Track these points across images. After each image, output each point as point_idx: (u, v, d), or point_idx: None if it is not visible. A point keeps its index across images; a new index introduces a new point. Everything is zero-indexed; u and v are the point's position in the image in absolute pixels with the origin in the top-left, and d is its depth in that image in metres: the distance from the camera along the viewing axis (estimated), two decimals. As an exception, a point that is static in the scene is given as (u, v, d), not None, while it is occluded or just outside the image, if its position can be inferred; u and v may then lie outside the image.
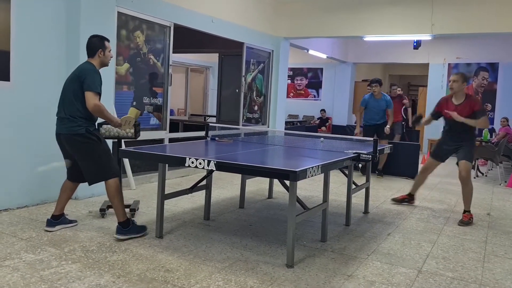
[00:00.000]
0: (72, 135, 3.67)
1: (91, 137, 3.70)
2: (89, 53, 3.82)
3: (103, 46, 3.81)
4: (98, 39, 3.83)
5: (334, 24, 8.83)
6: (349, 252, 3.75)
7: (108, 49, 3.86)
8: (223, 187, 6.16)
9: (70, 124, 3.67)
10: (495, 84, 11.75)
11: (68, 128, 3.67)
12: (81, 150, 3.71)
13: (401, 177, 7.74)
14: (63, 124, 3.71)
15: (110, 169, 3.77)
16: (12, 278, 2.89)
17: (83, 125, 3.66)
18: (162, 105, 6.47)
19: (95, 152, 3.70)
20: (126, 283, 2.91)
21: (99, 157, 3.72)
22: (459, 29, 7.88)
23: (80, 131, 3.65)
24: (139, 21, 5.92)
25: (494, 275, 3.39)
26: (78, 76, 3.67)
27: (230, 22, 7.66)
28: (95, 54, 3.80)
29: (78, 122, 3.66)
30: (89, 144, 3.69)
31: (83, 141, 3.67)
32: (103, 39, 3.85)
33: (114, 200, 3.76)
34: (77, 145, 3.69)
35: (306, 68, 14.07)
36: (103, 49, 3.81)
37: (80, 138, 3.66)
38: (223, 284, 2.96)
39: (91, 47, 3.81)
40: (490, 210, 5.59)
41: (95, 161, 3.73)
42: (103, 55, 3.82)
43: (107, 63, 3.92)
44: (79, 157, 3.76)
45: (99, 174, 3.78)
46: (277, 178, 4.23)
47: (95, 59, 3.80)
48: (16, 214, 4.35)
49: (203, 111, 13.78)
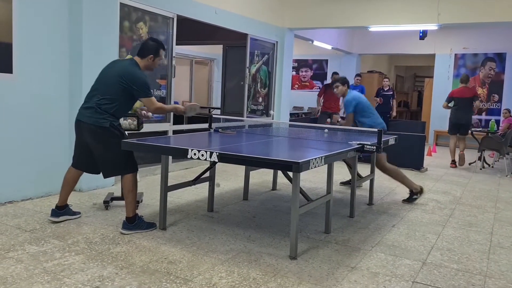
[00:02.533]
0: (96, 126, 3.65)
1: (115, 132, 3.69)
2: (140, 53, 3.80)
3: (157, 53, 3.80)
4: (156, 44, 3.82)
5: (339, 15, 8.75)
6: (353, 243, 3.73)
7: (160, 57, 3.84)
8: (227, 179, 6.15)
9: (96, 116, 3.65)
10: (502, 75, 11.62)
11: (93, 119, 3.65)
12: (103, 143, 3.69)
13: (406, 168, 7.69)
14: (88, 113, 3.68)
15: (129, 164, 3.76)
16: (16, 270, 2.90)
17: (108, 119, 3.66)
18: (165, 97, 6.45)
19: (118, 146, 3.67)
20: (129, 274, 2.91)
21: (120, 152, 3.69)
22: (465, 19, 7.78)
23: (104, 124, 3.64)
24: (142, 12, 5.88)
25: (499, 267, 3.36)
26: (124, 78, 3.63)
27: (234, 13, 7.60)
28: (145, 57, 3.78)
29: (105, 115, 3.65)
30: (112, 138, 3.67)
31: (107, 135, 3.66)
32: (160, 46, 3.83)
33: (128, 195, 3.75)
34: (100, 137, 3.68)
35: (311, 60, 13.98)
36: (155, 56, 3.79)
37: (104, 131, 3.65)
38: (226, 275, 2.96)
39: (145, 49, 3.80)
40: (496, 202, 5.54)
41: (116, 155, 3.70)
42: (152, 61, 3.81)
43: (151, 69, 3.94)
44: (99, 149, 3.73)
45: (118, 168, 3.78)
46: (280, 170, 4.21)
47: (143, 61, 3.79)
48: (20, 206, 4.37)
49: (207, 103, 13.76)
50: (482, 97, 11.79)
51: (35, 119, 4.67)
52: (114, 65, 3.82)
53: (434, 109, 12.25)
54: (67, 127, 4.87)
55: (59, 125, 4.89)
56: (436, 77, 12.42)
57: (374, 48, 13.17)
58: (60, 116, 4.90)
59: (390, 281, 3.01)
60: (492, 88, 11.72)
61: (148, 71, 3.91)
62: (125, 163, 3.75)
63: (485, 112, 11.82)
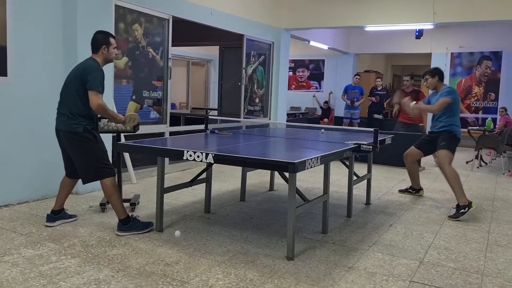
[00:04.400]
0: (69, 132, 3.64)
1: (88, 136, 3.66)
2: (93, 49, 3.77)
3: (108, 42, 3.75)
4: (103, 35, 3.78)
5: (335, 15, 8.75)
6: (350, 243, 3.73)
7: (113, 45, 3.79)
8: (224, 180, 6.14)
9: (68, 122, 3.64)
10: (498, 73, 11.64)
11: (66, 125, 3.64)
12: (77, 149, 3.68)
13: (403, 167, 7.68)
14: (62, 120, 3.69)
15: (105, 169, 3.71)
16: (11, 274, 2.88)
17: (81, 123, 3.63)
18: (162, 99, 6.44)
19: (91, 151, 3.66)
20: (125, 277, 2.90)
21: (95, 157, 3.68)
22: (461, 17, 7.79)
23: (78, 129, 3.62)
24: (137, 14, 5.87)
25: (496, 265, 3.36)
26: (81, 73, 3.61)
27: (230, 14, 7.60)
28: (99, 50, 3.74)
29: (77, 119, 3.62)
30: (86, 143, 3.65)
31: (80, 140, 3.64)
32: (108, 35, 3.80)
33: (111, 199, 3.73)
34: (74, 143, 3.66)
35: (308, 60, 13.98)
36: (107, 45, 3.74)
37: (77, 136, 3.63)
38: (223, 277, 2.95)
39: (95, 43, 3.76)
40: (494, 200, 5.55)
41: (91, 160, 3.68)
42: (107, 51, 3.76)
43: (111, 60, 3.88)
44: (74, 155, 3.72)
45: (94, 173, 3.73)
46: (276, 170, 4.20)
47: (99, 56, 3.75)
48: (16, 210, 4.35)
49: (205, 105, 13.74)
50: (479, 95, 11.82)
51: (30, 122, 4.65)
52: (74, 68, 3.78)
53: (431, 108, 12.25)
54: (63, 129, 4.85)
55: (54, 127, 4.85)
56: (432, 76, 12.42)
57: (370, 47, 13.18)
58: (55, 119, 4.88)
59: (387, 280, 3.00)
60: (489, 86, 11.73)
61: (109, 62, 3.86)
62: (101, 168, 3.70)
63: (481, 110, 11.84)
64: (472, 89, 11.80)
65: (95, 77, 3.59)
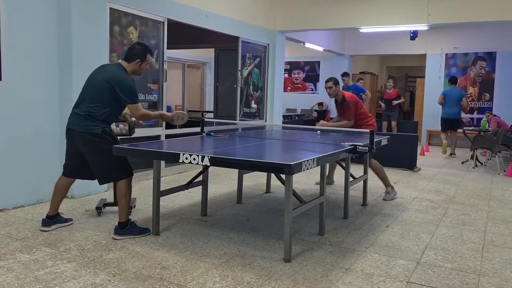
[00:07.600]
0: (88, 134, 3.62)
1: (107, 138, 3.67)
2: (127, 57, 3.77)
3: (143, 57, 3.76)
4: (142, 48, 3.79)
5: (330, 16, 8.77)
6: (347, 245, 3.72)
7: (147, 62, 3.80)
8: (221, 183, 6.13)
9: (86, 123, 3.62)
10: (493, 74, 11.69)
11: (84, 127, 3.62)
12: (96, 150, 3.66)
13: (399, 168, 7.71)
14: (78, 121, 3.65)
15: (123, 169, 3.73)
16: (6, 279, 2.86)
17: (100, 125, 3.63)
18: (157, 102, 6.42)
19: (110, 152, 3.62)
20: (122, 281, 2.88)
21: (114, 158, 3.65)
22: (455, 18, 7.82)
23: (96, 131, 3.61)
24: (132, 17, 5.86)
25: (493, 265, 3.37)
26: (113, 85, 3.60)
27: (225, 17, 7.60)
28: (132, 62, 3.74)
29: (96, 122, 3.62)
30: (105, 144, 3.64)
31: (99, 141, 3.63)
32: (147, 51, 3.80)
33: (122, 200, 3.72)
34: (92, 144, 3.64)
35: (303, 62, 14.00)
36: (142, 60, 3.75)
37: (96, 138, 3.62)
38: (220, 280, 2.94)
39: (130, 53, 3.77)
40: (489, 200, 5.57)
41: (109, 161, 3.67)
42: (139, 66, 3.77)
43: (139, 74, 3.90)
44: (92, 156, 3.70)
45: (112, 174, 3.74)
46: (272, 172, 4.20)
47: (130, 66, 3.75)
48: (11, 214, 4.32)
49: (200, 107, 13.74)
50: (474, 96, 11.87)
51: (26, 126, 4.63)
52: (101, 70, 3.78)
53: (427, 109, 12.32)
54: (58, 133, 4.83)
55: (49, 131, 4.85)
56: (427, 77, 12.49)
57: (365, 49, 13.22)
58: (51, 122, 4.86)
59: (385, 281, 3.00)
60: (483, 87, 11.79)
61: (135, 75, 3.88)
62: (119, 168, 3.72)
63: (476, 110, 11.89)
64: (467, 90, 11.84)
65: (130, 91, 3.63)
